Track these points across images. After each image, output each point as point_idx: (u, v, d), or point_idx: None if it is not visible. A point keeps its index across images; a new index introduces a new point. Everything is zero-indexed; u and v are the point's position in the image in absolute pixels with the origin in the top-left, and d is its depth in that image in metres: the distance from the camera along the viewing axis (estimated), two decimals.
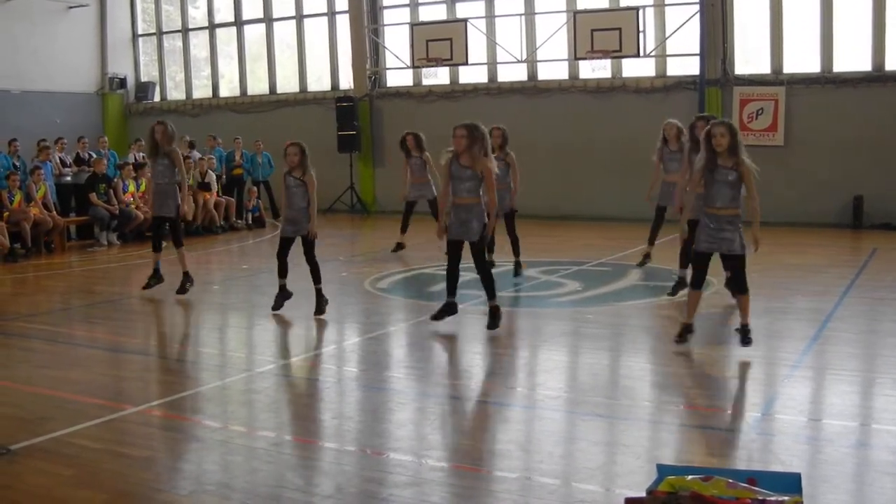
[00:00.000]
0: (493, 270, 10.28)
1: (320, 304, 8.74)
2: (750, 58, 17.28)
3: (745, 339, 6.94)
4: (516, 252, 10.73)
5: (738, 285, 7.05)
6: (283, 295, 8.87)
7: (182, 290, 9.90)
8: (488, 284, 8.00)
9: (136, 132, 21.46)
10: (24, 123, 19.00)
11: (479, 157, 7.81)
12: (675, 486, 3.71)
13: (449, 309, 8.10)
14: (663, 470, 3.93)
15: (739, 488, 3.65)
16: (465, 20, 18.57)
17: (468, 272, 8.64)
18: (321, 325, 8.49)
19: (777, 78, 16.57)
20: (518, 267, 10.75)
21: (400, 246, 13.02)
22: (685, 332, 7.19)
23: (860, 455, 4.89)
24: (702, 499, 3.56)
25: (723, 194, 6.89)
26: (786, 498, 3.56)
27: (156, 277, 10.11)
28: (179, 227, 10.09)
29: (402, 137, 13.23)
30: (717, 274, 8.95)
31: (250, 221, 17.70)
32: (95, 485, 4.54)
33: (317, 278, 8.77)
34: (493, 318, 7.95)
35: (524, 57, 18.51)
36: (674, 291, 9.31)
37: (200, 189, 16.67)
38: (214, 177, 17.22)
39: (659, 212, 10.51)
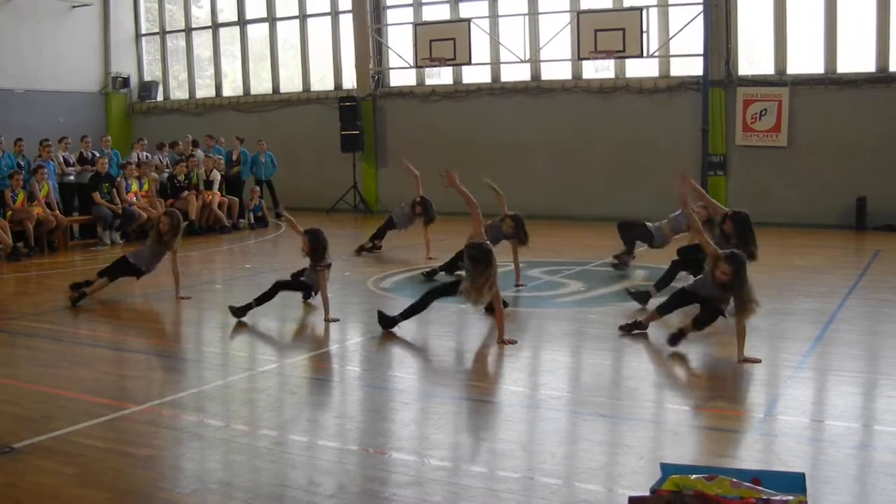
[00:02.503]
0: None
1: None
2: (753, 58, 17.28)
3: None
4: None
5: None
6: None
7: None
8: (412, 310, 8.06)
9: (140, 131, 21.53)
10: (28, 122, 19.03)
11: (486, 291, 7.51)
12: (678, 485, 3.71)
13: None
14: (667, 469, 3.92)
15: (743, 488, 3.64)
16: (468, 20, 18.58)
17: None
18: (323, 325, 8.48)
19: (780, 79, 16.56)
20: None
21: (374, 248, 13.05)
22: (635, 327, 7.59)
23: (863, 456, 4.89)
24: (706, 498, 3.55)
25: None
26: (790, 497, 3.55)
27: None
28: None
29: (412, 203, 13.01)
30: None
31: (252, 221, 17.71)
32: (98, 483, 4.55)
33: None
34: (385, 318, 8.02)
35: (528, 57, 18.51)
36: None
37: (205, 189, 16.75)
38: (218, 176, 17.22)
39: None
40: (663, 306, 7.60)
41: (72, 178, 16.02)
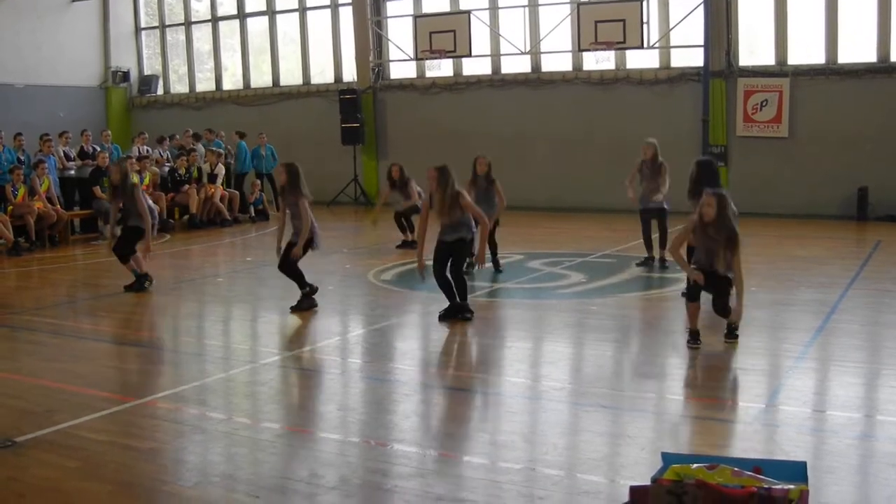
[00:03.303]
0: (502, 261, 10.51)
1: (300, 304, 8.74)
2: (754, 49, 17.23)
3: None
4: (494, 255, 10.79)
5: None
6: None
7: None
8: (462, 288, 8.17)
9: (140, 126, 21.52)
10: (29, 117, 19.02)
11: (455, 199, 7.96)
12: (680, 474, 3.71)
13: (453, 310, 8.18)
14: (668, 458, 3.92)
15: (745, 476, 3.64)
16: (468, 12, 18.54)
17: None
18: (325, 317, 8.49)
19: (781, 69, 16.52)
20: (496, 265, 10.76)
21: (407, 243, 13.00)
22: (694, 337, 7.10)
23: (864, 446, 4.89)
24: (707, 487, 3.55)
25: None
26: (791, 486, 3.55)
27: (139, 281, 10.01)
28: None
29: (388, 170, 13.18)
30: None
31: (253, 214, 17.70)
32: (100, 476, 4.55)
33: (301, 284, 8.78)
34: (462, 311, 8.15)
35: (528, 48, 18.47)
36: None
37: (208, 182, 16.75)
38: (223, 170, 17.19)
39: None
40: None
41: (72, 172, 16.01)
